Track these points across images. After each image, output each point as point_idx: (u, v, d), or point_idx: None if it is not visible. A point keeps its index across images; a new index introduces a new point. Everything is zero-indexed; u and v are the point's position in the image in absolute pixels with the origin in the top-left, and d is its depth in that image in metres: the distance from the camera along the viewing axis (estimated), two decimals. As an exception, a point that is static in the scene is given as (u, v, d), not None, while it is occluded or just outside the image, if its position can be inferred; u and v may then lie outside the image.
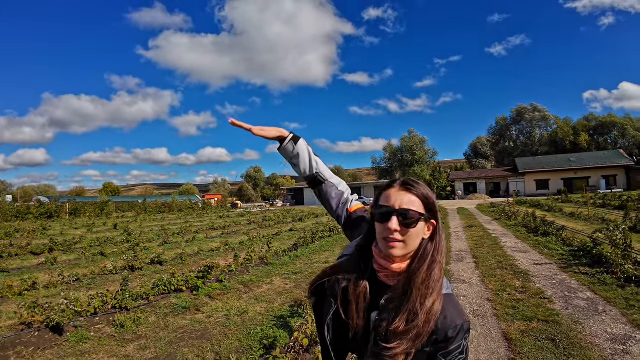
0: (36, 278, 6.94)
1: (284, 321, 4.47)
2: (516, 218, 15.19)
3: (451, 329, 0.92)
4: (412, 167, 63.06)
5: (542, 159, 51.67)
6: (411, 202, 0.95)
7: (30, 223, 21.94)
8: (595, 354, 3.26)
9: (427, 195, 0.98)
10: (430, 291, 0.92)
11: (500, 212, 18.83)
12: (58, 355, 3.98)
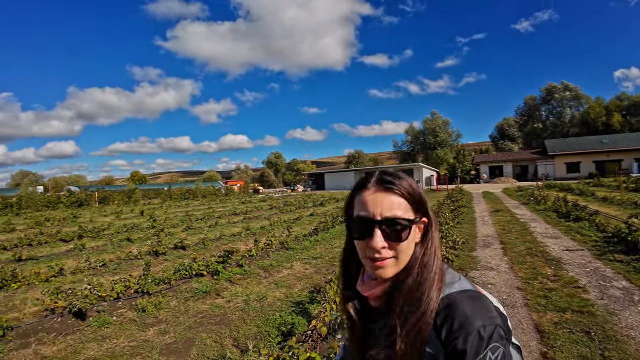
0: (64, 264, 7.13)
1: (302, 307, 4.34)
2: (545, 202, 14.43)
3: (461, 338, 0.68)
4: (435, 150, 61.31)
5: (572, 140, 48.91)
6: (395, 205, 0.76)
7: (60, 212, 22.80)
8: (631, 347, 3.04)
9: (411, 191, 0.78)
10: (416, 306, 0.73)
11: (529, 196, 17.98)
12: (79, 341, 4.01)
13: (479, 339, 0.67)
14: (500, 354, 0.68)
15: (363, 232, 0.76)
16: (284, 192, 47.08)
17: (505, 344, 0.70)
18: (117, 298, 5.25)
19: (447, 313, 0.71)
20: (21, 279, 6.05)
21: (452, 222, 9.61)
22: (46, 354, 3.72)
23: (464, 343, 0.67)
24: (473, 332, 0.67)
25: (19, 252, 8.37)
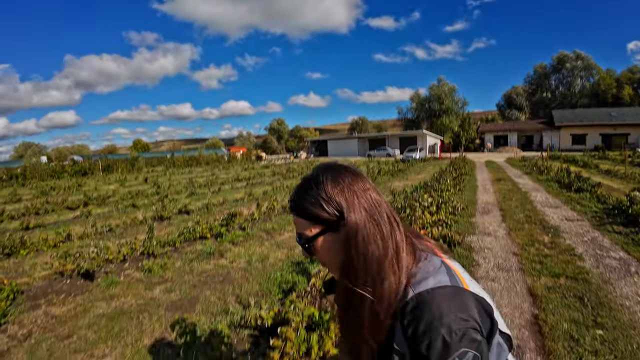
0: (71, 230, 7.25)
1: (303, 267, 4.44)
2: (548, 173, 14.36)
3: (424, 344, 0.64)
4: (439, 118, 59.98)
5: (581, 112, 47.42)
6: (298, 224, 0.81)
7: (65, 181, 23.03)
8: (624, 316, 3.04)
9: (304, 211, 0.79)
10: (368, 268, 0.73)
11: (532, 166, 17.89)
12: (88, 300, 4.14)
13: (444, 345, 0.62)
14: (471, 357, 0.63)
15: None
16: (286, 158, 46.99)
17: (479, 346, 0.64)
18: (124, 260, 5.38)
19: (414, 315, 0.67)
20: (29, 245, 6.17)
21: (453, 190, 9.63)
22: (56, 314, 3.85)
23: (427, 349, 0.63)
24: (438, 337, 0.63)
25: (26, 220, 8.51)
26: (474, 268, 4.44)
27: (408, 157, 31.86)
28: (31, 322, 3.68)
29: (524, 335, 2.91)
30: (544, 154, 23.88)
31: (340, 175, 0.78)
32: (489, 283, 3.94)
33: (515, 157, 30.18)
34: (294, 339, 2.00)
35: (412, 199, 7.23)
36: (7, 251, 5.91)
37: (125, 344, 3.16)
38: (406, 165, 22.28)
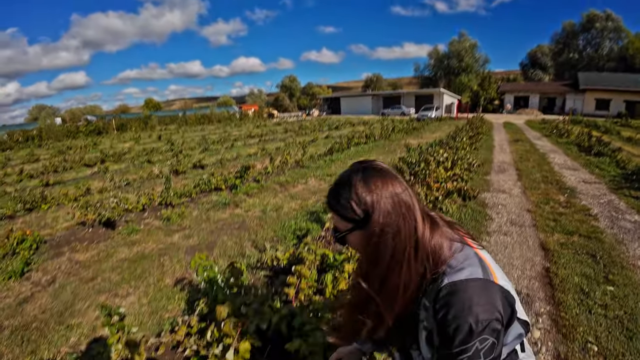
0: (90, 185, 7.47)
1: (316, 216, 4.50)
2: (569, 136, 13.99)
3: (452, 327, 0.76)
4: (458, 76, 56.91)
5: (607, 76, 43.98)
6: (334, 218, 0.91)
7: (81, 141, 23.26)
8: (636, 276, 3.02)
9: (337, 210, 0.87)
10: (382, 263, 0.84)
11: (552, 128, 17.37)
12: (110, 246, 4.33)
13: (469, 332, 0.74)
14: (488, 345, 0.75)
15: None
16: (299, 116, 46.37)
17: (498, 334, 0.76)
18: (143, 210, 5.56)
19: (446, 300, 0.77)
20: (50, 200, 6.38)
21: (469, 148, 9.45)
22: (80, 260, 4.04)
23: (454, 331, 0.75)
24: (465, 324, 0.74)
25: (45, 178, 8.75)
26: (487, 222, 4.44)
27: (423, 116, 30.98)
28: (55, 268, 3.87)
29: (534, 286, 2.94)
30: (566, 118, 22.92)
31: (372, 178, 0.84)
32: (502, 237, 3.95)
33: (535, 120, 29.03)
34: (308, 276, 2.05)
35: (427, 153, 7.10)
36: (28, 206, 6.12)
37: (147, 284, 3.34)
38: (421, 124, 21.74)
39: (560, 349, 2.18)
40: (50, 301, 3.21)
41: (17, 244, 4.09)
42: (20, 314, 3.03)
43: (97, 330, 2.72)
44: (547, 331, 2.37)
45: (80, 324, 2.84)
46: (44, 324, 2.87)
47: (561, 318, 2.48)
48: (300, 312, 1.88)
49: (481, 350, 0.76)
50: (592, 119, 29.23)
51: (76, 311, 3.03)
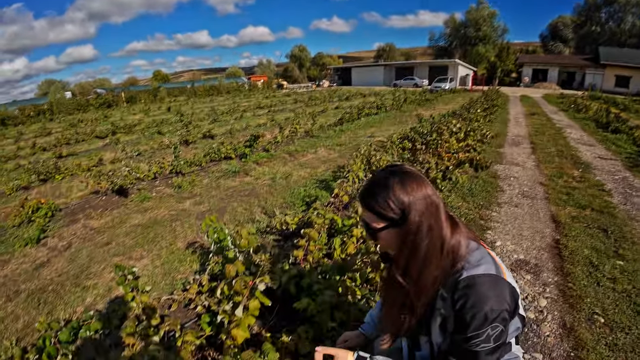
0: (102, 156, 7.57)
1: (326, 184, 4.51)
2: (586, 112, 13.57)
3: (469, 314, 0.87)
4: (475, 46, 54.06)
5: (629, 52, 41.21)
6: (366, 215, 0.98)
7: (91, 114, 23.40)
8: None
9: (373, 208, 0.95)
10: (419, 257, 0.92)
11: (570, 103, 16.79)
12: (124, 213, 4.43)
13: (484, 319, 0.85)
14: (498, 332, 0.87)
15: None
16: (308, 87, 45.53)
17: (507, 324, 0.89)
18: (154, 178, 5.64)
19: (465, 292, 0.88)
20: (64, 171, 6.51)
21: (483, 120, 9.21)
22: (94, 226, 4.16)
23: (471, 318, 0.86)
24: (481, 312, 0.85)
25: (58, 150, 8.91)
26: (498, 194, 4.37)
27: (437, 88, 30.04)
28: (70, 234, 3.99)
29: (543, 257, 2.92)
30: (585, 93, 22.07)
31: (408, 181, 0.92)
32: (512, 208, 3.90)
33: (553, 94, 27.92)
34: (317, 238, 2.07)
35: (439, 123, 6.94)
36: (42, 177, 6.25)
37: (160, 247, 3.43)
38: (434, 96, 21.16)
39: (566, 319, 2.18)
40: (66, 265, 3.33)
41: (32, 213, 4.21)
42: (36, 278, 3.15)
43: (112, 291, 2.82)
44: (553, 301, 2.37)
45: (95, 285, 2.95)
46: (60, 286, 2.99)
47: (569, 289, 2.47)
48: (309, 273, 1.91)
49: (492, 336, 0.87)
50: (611, 95, 28.09)
51: (92, 273, 3.14)
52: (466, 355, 0.91)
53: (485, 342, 0.88)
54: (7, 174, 7.31)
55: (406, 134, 6.90)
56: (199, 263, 2.94)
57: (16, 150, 10.10)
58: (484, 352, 0.89)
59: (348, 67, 54.05)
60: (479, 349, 0.88)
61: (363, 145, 5.02)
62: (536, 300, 2.41)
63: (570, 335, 2.04)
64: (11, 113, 24.52)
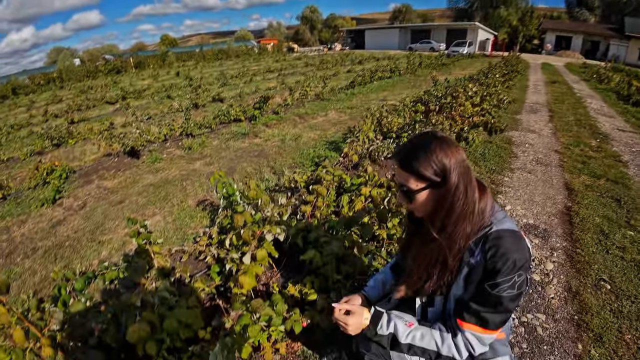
0: (113, 120, 7.63)
1: (336, 145, 4.48)
2: (609, 82, 13.05)
3: (500, 262, 0.94)
4: (497, 9, 50.86)
5: None
6: (402, 176, 1.02)
7: (100, 80, 23.36)
8: None
9: (413, 169, 0.98)
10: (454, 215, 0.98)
11: (593, 73, 16.11)
12: (136, 173, 4.52)
13: (513, 265, 0.93)
14: (523, 279, 0.95)
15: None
16: (320, 50, 44.16)
17: (527, 275, 0.97)
18: (165, 140, 5.68)
19: (495, 242, 0.95)
20: (76, 135, 6.60)
21: (501, 86, 8.86)
22: (108, 186, 4.27)
23: (502, 265, 0.93)
24: (510, 259, 0.93)
25: (70, 116, 8.98)
26: (511, 159, 4.29)
27: (454, 52, 28.73)
28: (85, 194, 4.11)
29: (553, 222, 2.90)
30: (608, 64, 20.98)
31: (447, 145, 0.96)
32: (525, 174, 3.84)
33: (576, 63, 26.57)
34: (325, 194, 2.07)
35: (456, 86, 6.70)
36: (55, 142, 6.36)
37: (172, 205, 3.51)
38: (451, 61, 20.31)
39: (572, 283, 2.19)
40: (81, 223, 3.46)
41: (47, 175, 4.33)
42: (53, 235, 3.29)
43: (126, 245, 2.94)
44: (560, 265, 2.37)
45: (110, 240, 3.08)
46: (77, 241, 3.12)
47: (577, 254, 2.46)
48: (316, 228, 1.93)
49: (517, 283, 0.95)
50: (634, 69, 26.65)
51: (107, 229, 3.27)
52: (491, 301, 0.98)
53: (511, 288, 0.95)
54: (21, 141, 7.47)
55: (420, 97, 6.71)
56: (209, 219, 3.01)
57: (28, 118, 10.25)
58: (508, 298, 0.96)
59: (361, 29, 51.77)
60: (505, 294, 0.96)
61: (375, 106, 4.91)
62: (543, 263, 2.41)
63: (574, 299, 2.05)
64: (22, 82, 24.63)
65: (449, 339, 1.05)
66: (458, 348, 1.04)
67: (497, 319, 1.00)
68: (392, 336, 1.11)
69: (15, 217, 3.77)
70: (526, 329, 1.87)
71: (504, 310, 0.98)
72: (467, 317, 1.02)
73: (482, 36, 40.52)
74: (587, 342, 1.77)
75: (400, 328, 1.10)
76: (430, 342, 1.07)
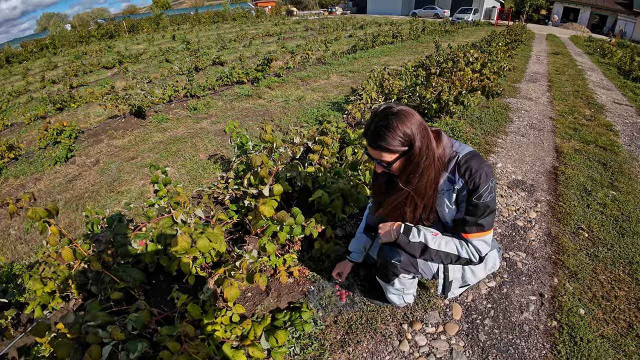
0: (113, 84, 7.56)
1: (338, 106, 4.60)
2: (612, 57, 12.98)
3: (477, 177, 1.19)
4: None
5: None
6: (375, 154, 1.21)
7: (94, 45, 22.60)
8: None
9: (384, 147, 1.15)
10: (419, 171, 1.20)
11: (597, 47, 16.07)
12: (145, 132, 4.64)
13: (486, 176, 1.19)
14: (494, 184, 1.22)
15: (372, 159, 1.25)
16: (320, 14, 42.66)
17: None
18: (170, 101, 5.76)
19: (466, 166, 1.20)
20: (79, 99, 6.60)
21: (504, 55, 8.79)
22: (118, 145, 4.40)
23: (479, 179, 1.18)
24: (483, 173, 1.18)
25: (68, 81, 8.85)
26: (506, 123, 4.45)
27: (459, 19, 27.85)
28: (97, 152, 4.25)
29: (540, 179, 3.10)
30: (613, 40, 20.52)
31: (404, 116, 1.12)
32: (518, 137, 4.02)
33: (582, 36, 25.88)
34: (330, 144, 2.26)
35: (457, 51, 6.72)
36: (58, 106, 6.36)
37: (184, 159, 3.69)
38: (455, 28, 19.80)
39: (552, 229, 2.39)
40: (98, 177, 3.62)
41: (57, 135, 4.41)
42: (71, 189, 3.45)
43: (144, 194, 3.13)
44: (542, 214, 2.58)
45: (129, 190, 3.26)
46: (96, 193, 3.29)
47: (559, 206, 2.65)
48: (323, 174, 2.14)
49: (492, 187, 1.21)
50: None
51: (124, 181, 3.45)
52: (480, 208, 1.22)
53: (490, 193, 1.20)
54: (22, 107, 7.48)
55: (421, 62, 6.74)
56: (221, 170, 3.20)
57: (26, 85, 10.13)
58: (491, 199, 1.22)
59: (363, -7, 49.75)
60: (489, 198, 1.21)
61: (377, 69, 5.00)
62: (526, 212, 2.60)
63: (553, 243, 2.25)
64: (15, 50, 23.83)
65: (465, 245, 1.30)
66: (471, 252, 1.30)
67: (490, 219, 1.26)
68: (422, 245, 1.33)
69: (29, 175, 3.92)
70: (507, 263, 2.08)
71: (491, 210, 1.24)
72: (468, 229, 1.27)
73: (489, 4, 39.13)
74: (562, 277, 1.97)
75: (429, 236, 1.33)
76: (453, 247, 1.32)
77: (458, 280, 1.47)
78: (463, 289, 1.56)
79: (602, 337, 1.66)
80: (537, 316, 1.77)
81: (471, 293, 1.89)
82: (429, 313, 1.76)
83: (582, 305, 1.82)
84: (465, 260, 1.33)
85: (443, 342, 1.63)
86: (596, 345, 1.61)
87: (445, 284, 1.47)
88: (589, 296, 1.88)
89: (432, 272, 1.45)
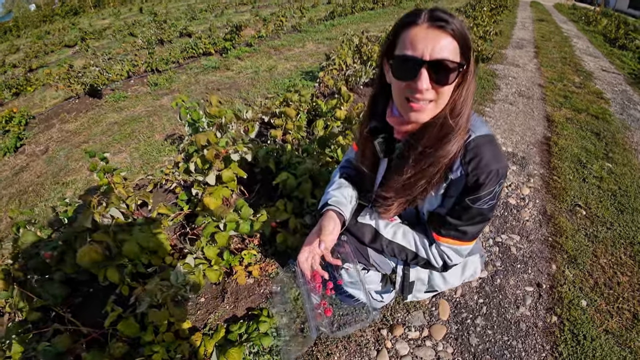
0: (72, 63, 7.01)
1: (312, 75, 4.25)
2: (596, 25, 13.03)
3: (484, 174, 0.83)
4: None
5: None
6: (446, 47, 0.72)
7: (58, 24, 21.28)
8: (636, 159, 2.92)
9: (463, 33, 0.73)
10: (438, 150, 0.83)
11: (581, 15, 16.13)
12: (99, 113, 4.24)
13: (496, 176, 0.83)
14: (500, 188, 0.87)
15: (407, 73, 0.75)
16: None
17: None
18: (129, 77, 5.27)
19: (475, 152, 0.83)
20: (35, 82, 6.09)
21: (489, 20, 8.57)
22: (70, 129, 4.00)
23: (485, 178, 0.83)
24: (493, 171, 0.82)
25: (27, 64, 8.23)
26: (494, 91, 4.22)
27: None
28: (47, 139, 3.88)
29: (531, 151, 2.90)
30: (597, 8, 20.73)
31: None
32: (506, 105, 3.79)
33: (566, 4, 26.27)
34: (293, 116, 1.91)
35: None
36: (14, 91, 5.87)
37: (138, 141, 3.30)
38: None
39: (547, 207, 2.20)
40: (45, 167, 3.30)
41: (6, 123, 4.08)
42: (17, 183, 3.14)
43: (91, 184, 2.81)
44: (536, 190, 2.38)
45: (74, 181, 2.95)
46: (40, 186, 2.99)
47: (553, 181, 2.47)
48: (289, 152, 1.81)
49: (497, 193, 0.87)
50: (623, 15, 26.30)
51: (70, 170, 3.12)
52: (470, 214, 0.89)
53: (492, 199, 0.87)
54: None
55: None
56: (177, 152, 2.85)
57: None
58: (489, 208, 0.88)
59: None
60: (486, 205, 0.87)
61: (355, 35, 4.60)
62: (519, 188, 2.42)
63: (549, 222, 2.07)
64: None
65: (427, 245, 0.99)
66: (434, 256, 0.98)
67: (476, 229, 0.93)
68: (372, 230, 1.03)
69: (-23, 169, 3.54)
70: (500, 248, 1.89)
71: (483, 220, 0.91)
72: (445, 232, 0.94)
73: (470, -33, 38.08)
74: (561, 262, 1.78)
75: (382, 221, 1.02)
76: (411, 242, 1.00)
77: (423, 282, 1.14)
78: (429, 295, 1.24)
79: (607, 333, 1.46)
80: (534, 311, 1.56)
81: (460, 287, 1.64)
82: (412, 314, 1.51)
83: (584, 296, 1.63)
84: (424, 262, 1.01)
85: (429, 350, 1.39)
86: (601, 343, 1.41)
87: (404, 284, 1.13)
88: (591, 284, 1.69)
89: (390, 266, 1.13)
